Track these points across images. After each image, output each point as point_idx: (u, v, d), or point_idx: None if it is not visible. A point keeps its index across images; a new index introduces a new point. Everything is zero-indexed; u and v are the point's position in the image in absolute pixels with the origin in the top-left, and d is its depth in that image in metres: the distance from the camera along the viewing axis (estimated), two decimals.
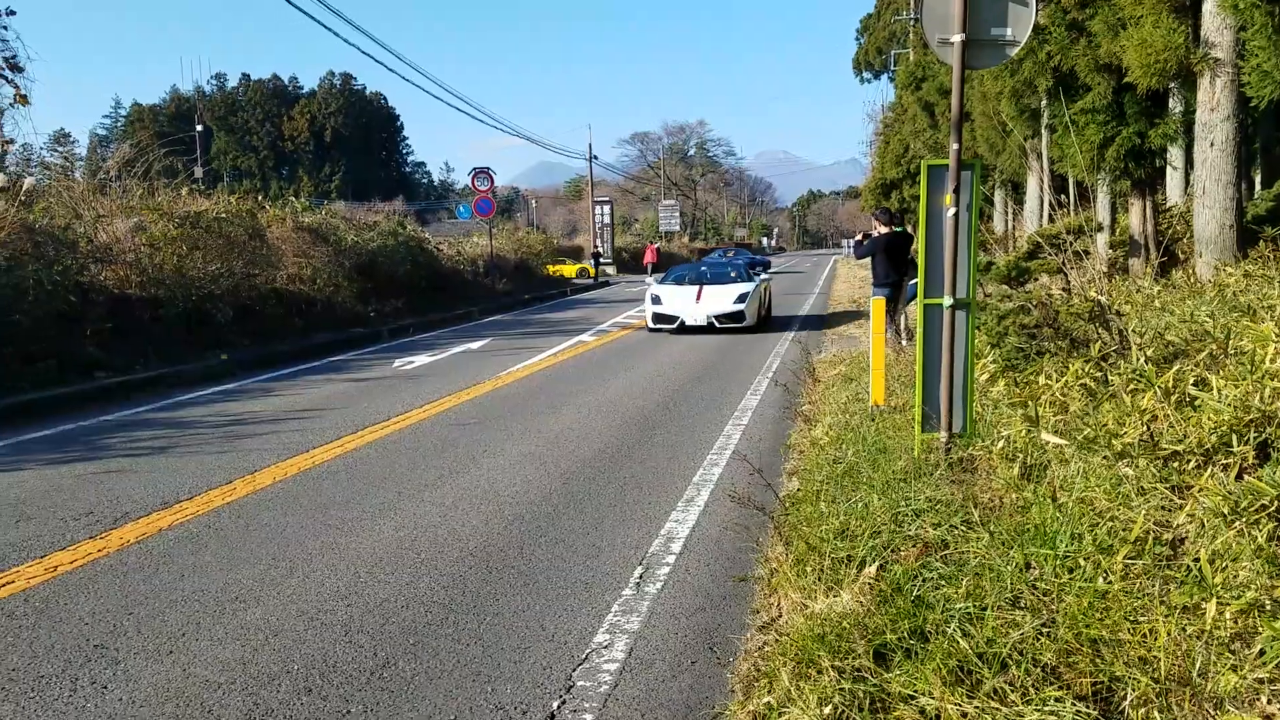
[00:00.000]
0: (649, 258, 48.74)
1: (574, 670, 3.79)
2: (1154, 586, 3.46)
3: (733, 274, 18.30)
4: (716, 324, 16.31)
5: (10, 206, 12.35)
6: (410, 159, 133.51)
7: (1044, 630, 3.26)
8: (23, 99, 14.76)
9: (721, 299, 16.63)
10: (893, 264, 11.70)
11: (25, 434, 8.77)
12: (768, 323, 18.11)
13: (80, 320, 12.15)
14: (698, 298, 16.76)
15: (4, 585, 4.79)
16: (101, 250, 13.95)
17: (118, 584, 4.80)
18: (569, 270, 45.65)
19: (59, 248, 12.69)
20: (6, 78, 14.37)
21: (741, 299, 16.53)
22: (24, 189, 13.07)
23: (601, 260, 46.92)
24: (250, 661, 3.89)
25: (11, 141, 15.39)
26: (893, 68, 45.78)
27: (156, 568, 5.03)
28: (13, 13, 14.88)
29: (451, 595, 4.59)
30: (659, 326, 16.79)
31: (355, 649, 4.00)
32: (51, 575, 4.93)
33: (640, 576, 4.81)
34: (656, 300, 17.02)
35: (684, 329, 16.41)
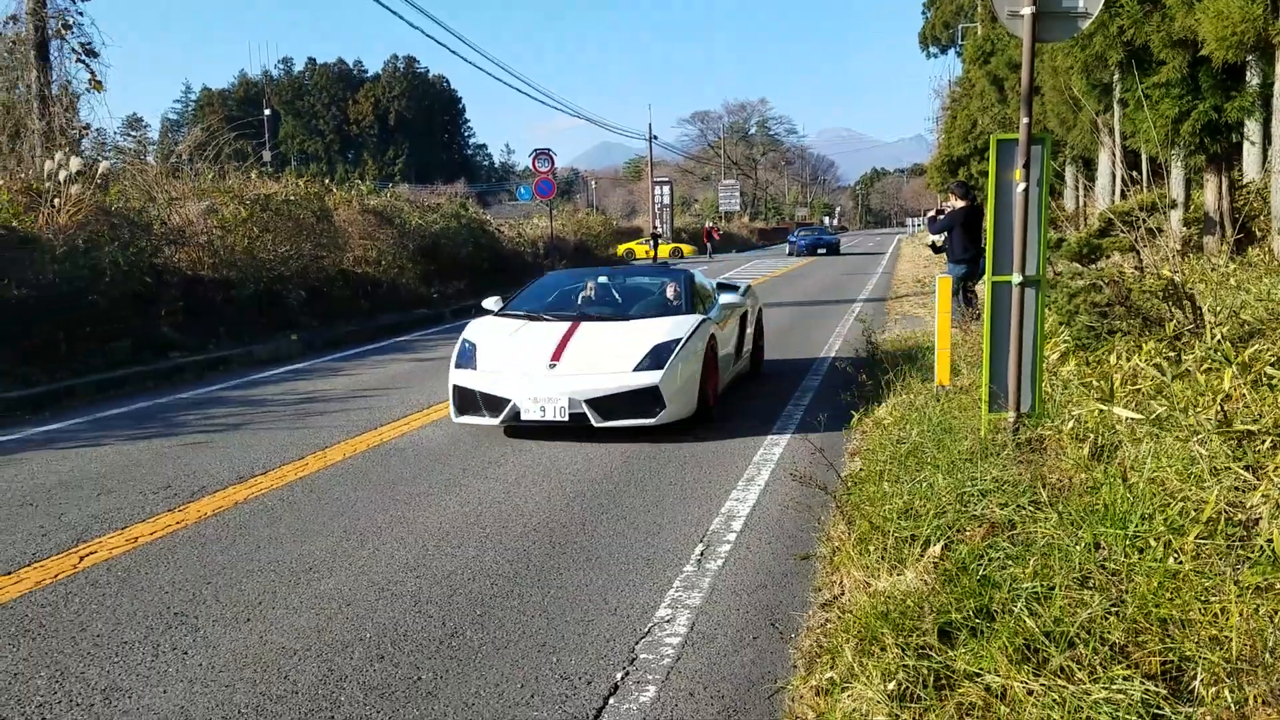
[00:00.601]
0: (706, 238, 48.70)
1: (637, 643, 3.83)
2: (1226, 567, 3.40)
3: (668, 293, 8.69)
4: (593, 420, 7.09)
5: (87, 189, 12.69)
6: (472, 141, 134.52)
7: (1113, 609, 3.23)
8: (97, 84, 15.19)
9: (607, 361, 7.37)
10: (971, 238, 11.51)
11: (104, 411, 9.06)
12: (757, 381, 9.84)
13: (155, 301, 12.49)
14: (556, 354, 7.47)
15: (88, 555, 4.97)
16: (175, 232, 14.29)
17: (196, 554, 4.96)
18: (661, 251, 46.17)
19: (134, 230, 13.03)
20: (85, 63, 14.79)
21: (656, 359, 7.30)
22: (99, 173, 13.41)
23: (660, 240, 46.90)
24: (324, 629, 4.00)
25: (88, 127, 15.81)
26: (960, 42, 44.89)
27: (233, 539, 5.18)
28: None
29: (516, 569, 4.67)
30: (467, 419, 7.49)
31: (425, 619, 4.09)
32: (132, 546, 5.11)
33: (701, 554, 4.84)
34: (466, 356, 7.68)
35: (520, 425, 7.36)
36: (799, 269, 32.82)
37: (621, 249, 44.65)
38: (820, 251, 44.61)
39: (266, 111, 61.39)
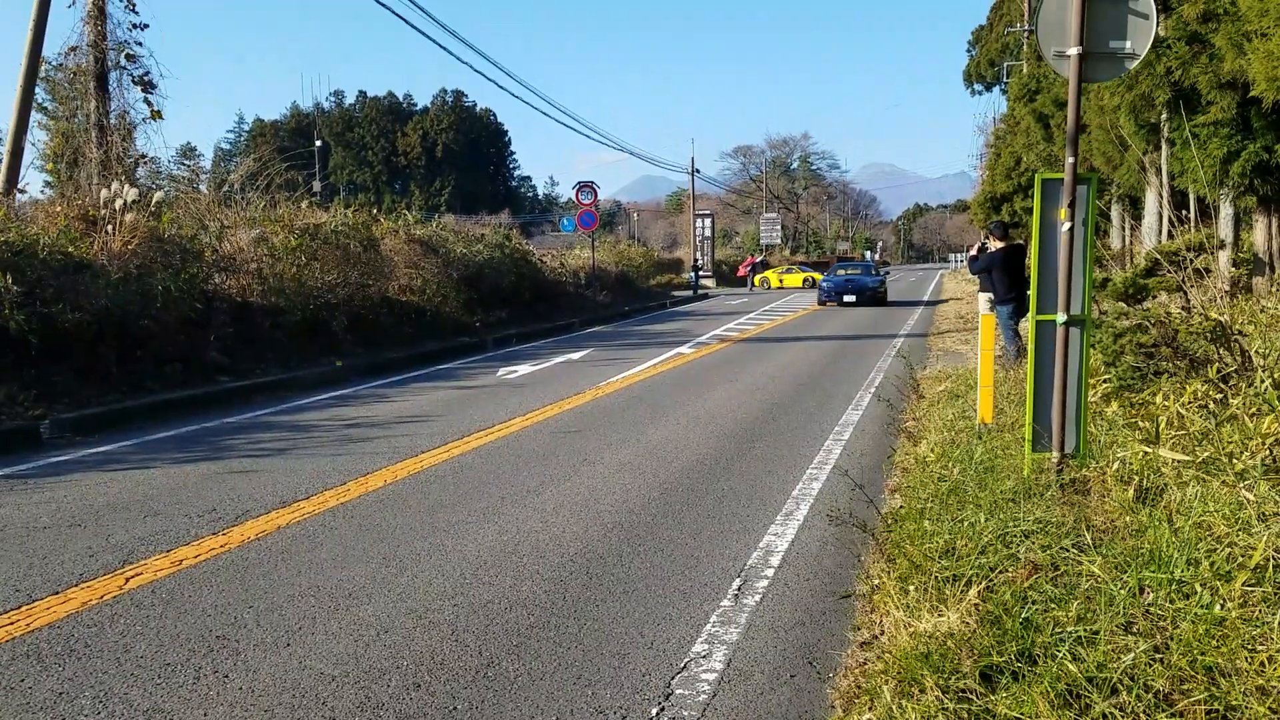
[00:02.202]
0: (743, 270, 49.00)
1: (673, 678, 3.82)
2: (1274, 615, 3.33)
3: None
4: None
5: (141, 216, 12.99)
6: (516, 173, 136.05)
7: (1157, 656, 3.18)
8: (156, 114, 15.61)
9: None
10: (1013, 279, 11.51)
11: (153, 433, 9.22)
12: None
13: (205, 326, 12.73)
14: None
15: (133, 577, 5.05)
16: (225, 260, 14.57)
17: (238, 578, 5.02)
18: (794, 279, 47.46)
19: (186, 256, 13.30)
20: (147, 97, 15.22)
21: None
22: (154, 201, 13.73)
23: (701, 273, 47.01)
24: (362, 656, 4.03)
25: (144, 156, 16.20)
26: (1005, 80, 44.74)
27: (275, 564, 5.24)
28: (145, 26, 15.75)
29: (553, 599, 4.68)
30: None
31: (461, 648, 4.11)
32: (177, 568, 5.18)
33: (738, 588, 4.82)
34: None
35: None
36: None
37: (757, 279, 48.61)
38: (848, 300, 29.30)
39: (317, 143, 62.64)
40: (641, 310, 29.01)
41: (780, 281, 47.47)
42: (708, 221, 56.55)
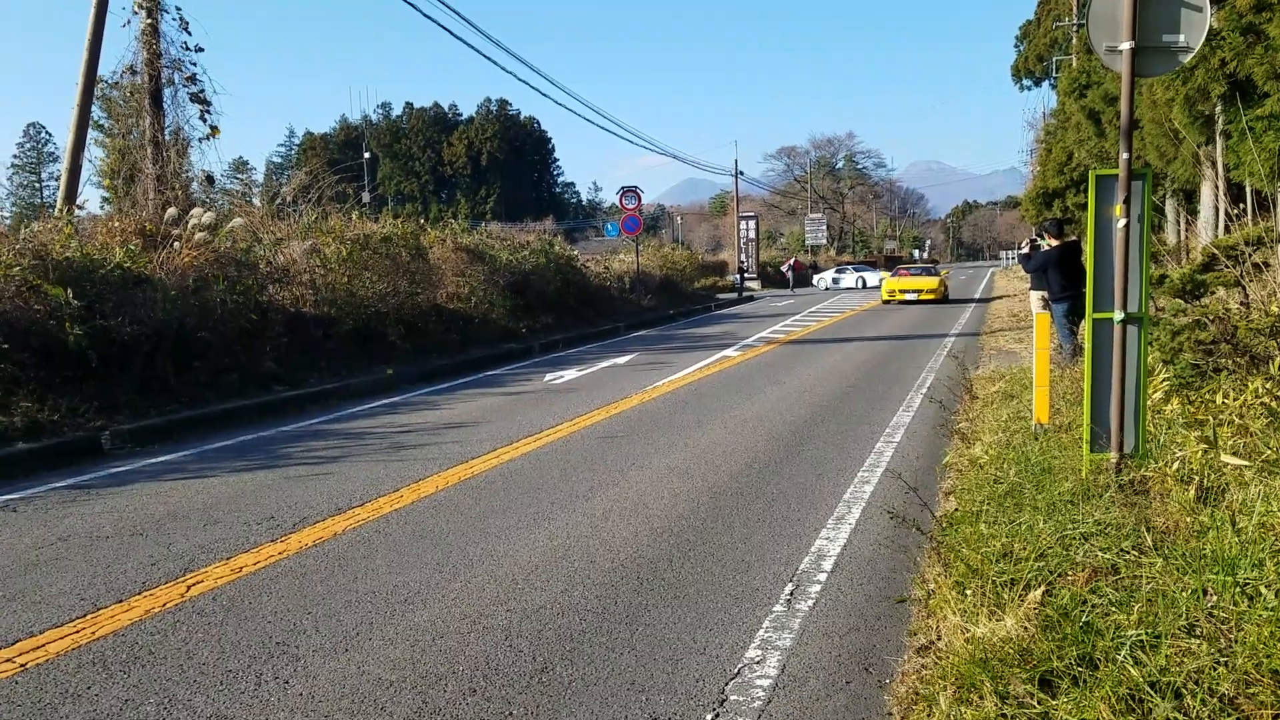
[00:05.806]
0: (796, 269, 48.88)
1: (726, 684, 3.81)
2: None
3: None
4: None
5: (204, 234, 13.25)
6: (560, 179, 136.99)
7: (1221, 659, 3.11)
8: (215, 131, 15.94)
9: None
10: (1070, 277, 11.37)
11: (211, 443, 9.40)
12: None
13: (260, 337, 12.93)
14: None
15: (194, 584, 5.15)
16: (279, 271, 14.81)
17: (297, 585, 5.10)
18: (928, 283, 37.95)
19: (241, 269, 13.54)
20: (205, 114, 15.55)
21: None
22: (215, 220, 13.98)
23: (746, 275, 46.84)
24: (419, 661, 4.08)
25: (206, 174, 16.53)
26: (1054, 74, 44.09)
27: (332, 570, 5.32)
28: (200, 49, 16.07)
29: (605, 604, 4.69)
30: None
31: (515, 653, 4.14)
32: (237, 575, 5.28)
33: (791, 593, 4.80)
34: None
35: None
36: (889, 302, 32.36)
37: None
38: None
39: (366, 154, 63.53)
40: (686, 314, 28.98)
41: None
42: (752, 223, 56.40)
